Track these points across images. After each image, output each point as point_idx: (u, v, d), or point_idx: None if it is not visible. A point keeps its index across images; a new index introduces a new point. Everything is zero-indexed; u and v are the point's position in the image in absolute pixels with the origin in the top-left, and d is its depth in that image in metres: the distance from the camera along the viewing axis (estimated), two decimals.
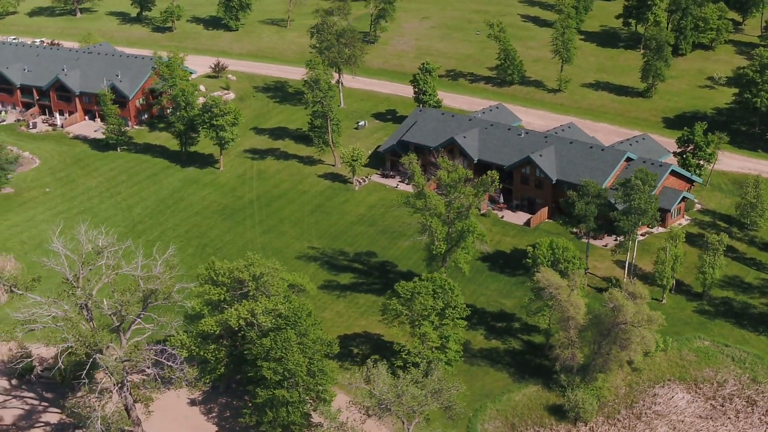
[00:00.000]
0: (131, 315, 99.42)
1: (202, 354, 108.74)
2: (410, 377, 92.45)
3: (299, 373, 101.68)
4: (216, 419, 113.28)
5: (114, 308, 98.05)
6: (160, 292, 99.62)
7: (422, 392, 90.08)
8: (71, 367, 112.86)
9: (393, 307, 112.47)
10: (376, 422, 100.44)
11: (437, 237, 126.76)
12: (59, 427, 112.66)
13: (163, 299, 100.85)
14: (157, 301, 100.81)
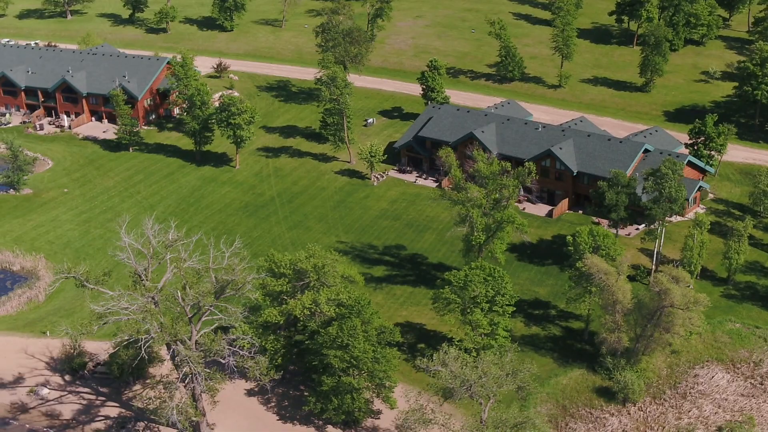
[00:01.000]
0: (206, 306, 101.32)
1: (263, 344, 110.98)
2: (490, 358, 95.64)
3: (365, 359, 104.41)
4: (275, 408, 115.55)
5: (195, 299, 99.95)
6: (234, 284, 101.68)
7: (502, 372, 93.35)
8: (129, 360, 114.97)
9: (445, 296, 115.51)
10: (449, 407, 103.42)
11: (477, 228, 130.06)
12: (120, 420, 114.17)
13: (235, 290, 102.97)
14: (230, 292, 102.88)
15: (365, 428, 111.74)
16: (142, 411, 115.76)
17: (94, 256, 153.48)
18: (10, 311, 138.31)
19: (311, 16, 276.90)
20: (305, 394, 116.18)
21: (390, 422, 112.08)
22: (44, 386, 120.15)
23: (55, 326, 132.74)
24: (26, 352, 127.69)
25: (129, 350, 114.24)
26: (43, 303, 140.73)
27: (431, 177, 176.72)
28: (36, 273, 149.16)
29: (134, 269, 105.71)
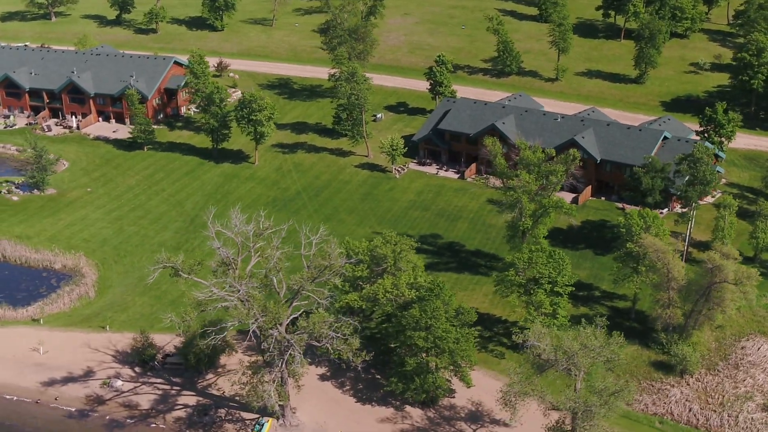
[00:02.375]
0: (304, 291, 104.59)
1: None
2: (590, 330, 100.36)
3: (448, 339, 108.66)
4: (351, 392, 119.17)
5: (298, 283, 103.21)
6: (330, 268, 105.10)
7: (598, 344, 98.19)
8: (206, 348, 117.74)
9: (510, 278, 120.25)
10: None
11: (525, 213, 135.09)
12: (200, 408, 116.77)
13: (330, 275, 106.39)
14: (325, 277, 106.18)
15: (441, 407, 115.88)
16: (220, 398, 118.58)
17: (134, 252, 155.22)
18: (63, 308, 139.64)
19: (299, 15, 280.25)
20: (377, 377, 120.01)
21: (465, 400, 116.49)
22: (117, 378, 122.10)
23: (111, 321, 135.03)
24: (90, 347, 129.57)
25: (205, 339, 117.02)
26: (95, 299, 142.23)
27: (451, 169, 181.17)
28: (79, 270, 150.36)
29: (222, 258, 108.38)
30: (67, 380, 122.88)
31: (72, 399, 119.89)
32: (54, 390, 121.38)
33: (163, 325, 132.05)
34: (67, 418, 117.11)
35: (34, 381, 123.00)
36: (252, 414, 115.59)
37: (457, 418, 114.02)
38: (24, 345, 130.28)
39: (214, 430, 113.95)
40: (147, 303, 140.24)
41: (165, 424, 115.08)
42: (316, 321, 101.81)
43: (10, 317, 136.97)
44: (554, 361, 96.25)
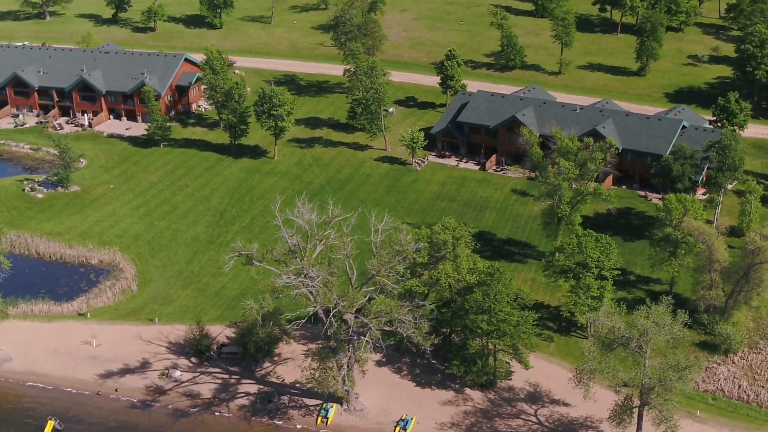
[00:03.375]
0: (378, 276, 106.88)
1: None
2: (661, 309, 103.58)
3: (510, 322, 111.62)
4: (408, 377, 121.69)
5: (376, 268, 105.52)
6: (402, 254, 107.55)
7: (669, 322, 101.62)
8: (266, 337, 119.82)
9: (560, 262, 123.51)
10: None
11: (564, 200, 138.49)
12: (263, 395, 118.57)
13: (403, 259, 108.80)
14: (396, 263, 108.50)
15: (500, 389, 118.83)
16: (280, 385, 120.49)
17: (168, 247, 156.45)
18: (107, 302, 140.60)
19: (297, 12, 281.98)
20: (432, 362, 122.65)
21: (522, 382, 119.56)
22: (175, 368, 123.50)
23: (159, 314, 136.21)
24: (141, 339, 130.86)
25: (265, 328, 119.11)
26: (137, 293, 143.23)
27: (471, 160, 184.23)
28: (116, 265, 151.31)
29: (290, 246, 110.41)
30: (124, 372, 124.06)
31: (132, 390, 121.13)
32: (112, 382, 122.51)
33: (211, 316, 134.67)
34: (130, 408, 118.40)
35: (91, 373, 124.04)
36: (315, 400, 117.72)
37: (517, 399, 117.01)
38: (75, 339, 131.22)
39: (279, 416, 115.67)
40: (191, 296, 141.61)
41: (229, 412, 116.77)
42: (393, 305, 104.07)
43: (56, 312, 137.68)
44: (627, 338, 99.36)
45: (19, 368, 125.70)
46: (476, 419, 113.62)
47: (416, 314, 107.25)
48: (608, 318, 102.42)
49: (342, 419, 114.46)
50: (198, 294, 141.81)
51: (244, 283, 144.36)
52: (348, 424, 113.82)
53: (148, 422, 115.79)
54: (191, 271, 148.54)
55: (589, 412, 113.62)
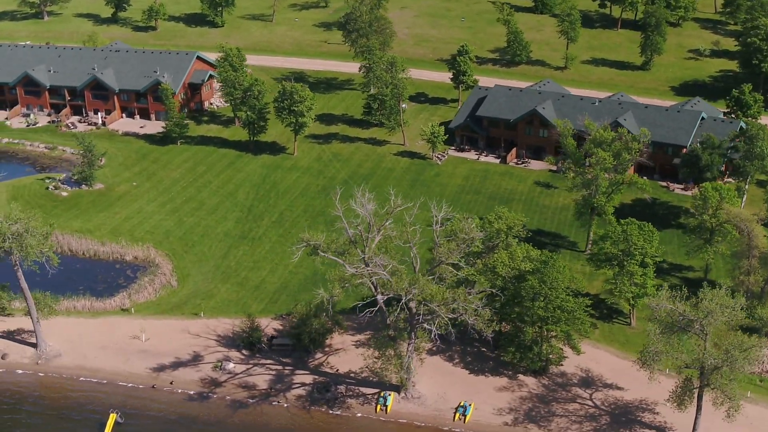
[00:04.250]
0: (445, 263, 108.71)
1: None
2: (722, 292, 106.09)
3: (566, 308, 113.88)
4: (461, 364, 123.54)
5: (445, 255, 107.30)
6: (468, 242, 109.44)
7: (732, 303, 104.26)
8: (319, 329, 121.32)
9: (606, 250, 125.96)
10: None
11: (600, 191, 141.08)
12: (320, 385, 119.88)
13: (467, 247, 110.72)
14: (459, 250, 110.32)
15: (553, 374, 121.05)
16: (335, 375, 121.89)
17: (201, 242, 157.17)
18: (149, 297, 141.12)
19: (297, 10, 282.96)
20: (482, 349, 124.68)
21: (573, 367, 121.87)
22: (228, 361, 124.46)
23: (203, 308, 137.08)
24: (189, 332, 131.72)
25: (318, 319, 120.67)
26: (178, 288, 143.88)
27: (491, 154, 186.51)
28: (152, 261, 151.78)
29: (350, 236, 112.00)
30: (176, 365, 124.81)
31: (187, 382, 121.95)
32: (166, 375, 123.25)
33: (254, 309, 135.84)
34: (187, 400, 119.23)
35: (143, 367, 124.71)
36: (371, 389, 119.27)
37: (571, 384, 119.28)
38: (121, 333, 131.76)
39: (338, 405, 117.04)
40: (231, 290, 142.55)
41: (287, 403, 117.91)
42: (460, 293, 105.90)
43: (99, 308, 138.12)
44: (690, 321, 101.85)
45: (70, 363, 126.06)
46: (533, 404, 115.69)
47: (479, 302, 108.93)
48: (670, 302, 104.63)
49: (401, 407, 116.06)
50: (238, 288, 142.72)
51: (283, 276, 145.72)
52: (407, 411, 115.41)
53: (208, 414, 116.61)
54: (228, 266, 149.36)
55: (644, 395, 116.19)
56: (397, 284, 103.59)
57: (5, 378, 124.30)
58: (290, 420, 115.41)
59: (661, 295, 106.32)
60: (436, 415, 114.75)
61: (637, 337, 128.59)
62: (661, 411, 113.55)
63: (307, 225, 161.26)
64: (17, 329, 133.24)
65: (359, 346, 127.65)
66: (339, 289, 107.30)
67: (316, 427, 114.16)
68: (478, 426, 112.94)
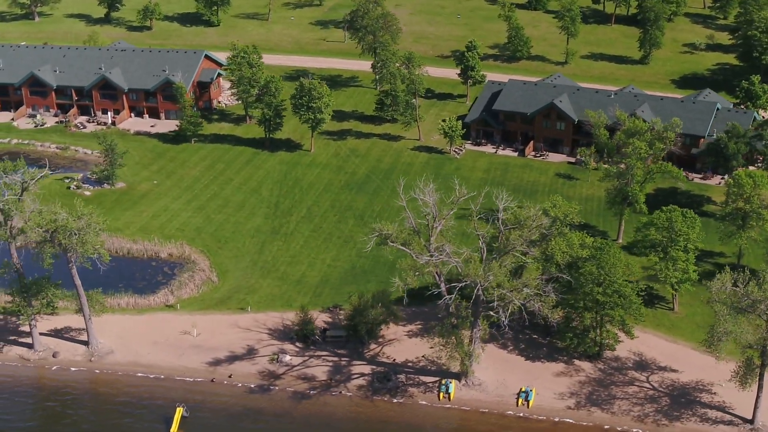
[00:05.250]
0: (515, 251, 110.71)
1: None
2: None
3: (623, 293, 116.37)
4: (515, 351, 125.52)
5: (519, 242, 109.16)
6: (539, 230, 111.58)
7: None
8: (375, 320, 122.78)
9: (652, 236, 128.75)
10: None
11: (636, 180, 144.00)
12: (380, 375, 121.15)
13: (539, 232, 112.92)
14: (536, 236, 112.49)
15: (607, 359, 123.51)
16: (392, 365, 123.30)
17: (233, 239, 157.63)
18: (192, 293, 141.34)
19: (291, 8, 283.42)
20: (533, 336, 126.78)
21: (626, 352, 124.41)
22: (284, 353, 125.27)
23: (248, 302, 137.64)
24: (239, 327, 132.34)
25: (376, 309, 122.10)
26: (219, 284, 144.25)
27: (509, 147, 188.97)
28: (188, 258, 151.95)
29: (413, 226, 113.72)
30: (231, 359, 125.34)
31: (245, 375, 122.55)
32: (223, 369, 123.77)
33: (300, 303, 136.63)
34: (249, 393, 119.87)
35: (199, 362, 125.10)
36: (430, 377, 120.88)
37: (626, 368, 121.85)
38: (170, 329, 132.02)
39: (400, 394, 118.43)
40: (273, 284, 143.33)
41: (350, 393, 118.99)
42: (530, 279, 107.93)
43: (143, 305, 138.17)
44: (755, 301, 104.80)
45: (123, 360, 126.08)
46: (593, 388, 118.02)
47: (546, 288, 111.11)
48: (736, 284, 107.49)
49: (463, 394, 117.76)
50: (280, 282, 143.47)
51: (322, 270, 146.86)
52: (470, 398, 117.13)
53: (271, 405, 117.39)
54: (265, 261, 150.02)
55: (699, 377, 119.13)
56: (474, 271, 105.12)
57: (60, 375, 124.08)
58: (355, 410, 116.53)
59: (723, 277, 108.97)
60: (498, 401, 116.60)
61: (681, 322, 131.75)
62: (719, 391, 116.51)
63: (336, 220, 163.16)
64: (64, 327, 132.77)
65: (411, 336, 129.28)
66: (413, 277, 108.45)
67: (381, 416, 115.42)
68: (541, 410, 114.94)
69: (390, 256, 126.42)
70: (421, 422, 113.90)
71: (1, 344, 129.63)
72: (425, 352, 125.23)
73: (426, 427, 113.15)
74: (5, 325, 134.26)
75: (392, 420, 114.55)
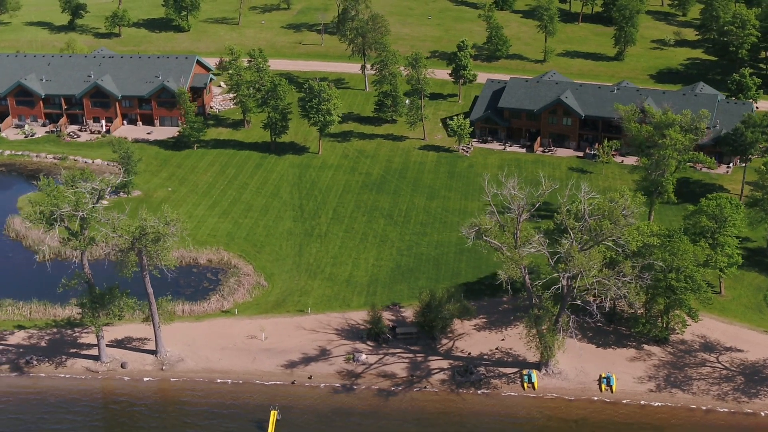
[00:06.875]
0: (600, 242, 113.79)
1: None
2: None
3: (695, 278, 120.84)
4: (585, 340, 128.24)
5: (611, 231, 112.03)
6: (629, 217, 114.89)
7: None
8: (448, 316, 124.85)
9: (703, 223, 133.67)
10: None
11: (669, 170, 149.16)
12: (461, 369, 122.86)
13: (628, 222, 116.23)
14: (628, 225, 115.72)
15: (673, 343, 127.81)
16: (468, 359, 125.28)
17: (268, 242, 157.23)
18: (245, 298, 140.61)
19: (258, 12, 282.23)
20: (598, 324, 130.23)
21: (690, 335, 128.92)
22: (360, 352, 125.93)
23: (301, 304, 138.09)
24: (304, 329, 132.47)
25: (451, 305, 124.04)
26: (269, 287, 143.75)
27: (515, 144, 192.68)
28: (229, 263, 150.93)
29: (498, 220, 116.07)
30: (307, 360, 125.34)
31: (325, 376, 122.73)
32: (300, 371, 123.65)
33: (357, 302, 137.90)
34: (334, 393, 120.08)
35: (274, 365, 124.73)
36: (509, 368, 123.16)
37: (694, 350, 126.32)
38: (235, 334, 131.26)
39: (484, 386, 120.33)
40: (324, 285, 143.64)
41: (434, 388, 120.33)
42: (626, 265, 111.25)
43: (199, 311, 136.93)
44: None
45: (196, 367, 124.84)
46: (669, 371, 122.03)
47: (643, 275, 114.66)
48: None
49: (546, 383, 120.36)
50: (330, 283, 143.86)
51: (369, 270, 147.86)
52: (553, 387, 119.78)
53: (360, 404, 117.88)
54: (308, 263, 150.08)
55: (765, 355, 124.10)
56: (579, 261, 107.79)
57: (133, 386, 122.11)
58: (444, 404, 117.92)
59: None
60: (582, 388, 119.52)
61: (730, 304, 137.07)
62: None
63: (365, 220, 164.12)
64: (125, 337, 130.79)
65: (480, 329, 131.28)
66: (515, 270, 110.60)
67: (472, 409, 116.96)
68: (625, 395, 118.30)
69: (432, 252, 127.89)
70: (513, 412, 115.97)
71: (64, 357, 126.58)
72: (497, 345, 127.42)
73: (519, 417, 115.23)
74: (61, 338, 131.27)
75: (483, 412, 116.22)
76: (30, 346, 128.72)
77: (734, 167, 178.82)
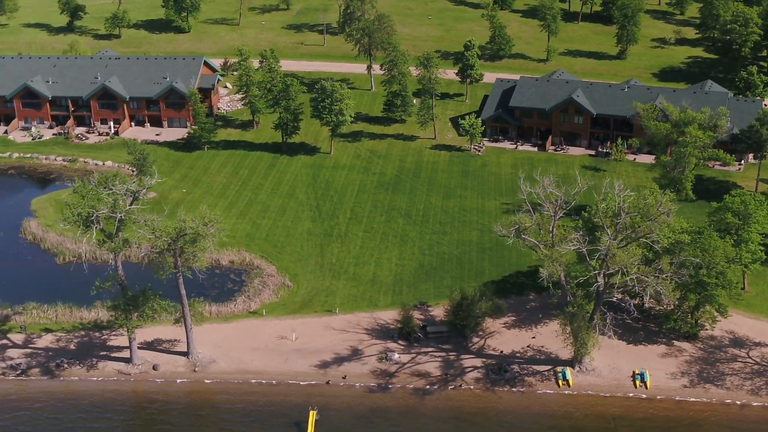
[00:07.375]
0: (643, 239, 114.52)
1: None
2: None
3: (726, 274, 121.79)
4: (615, 337, 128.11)
5: (649, 228, 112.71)
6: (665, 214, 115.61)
7: None
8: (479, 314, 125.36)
9: (728, 220, 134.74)
10: None
11: (689, 167, 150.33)
12: (495, 367, 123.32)
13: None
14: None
15: (703, 339, 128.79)
16: (500, 357, 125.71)
17: (289, 243, 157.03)
18: (271, 298, 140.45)
19: (257, 13, 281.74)
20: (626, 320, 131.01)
21: (718, 331, 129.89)
22: (392, 352, 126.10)
23: (329, 305, 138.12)
24: (334, 329, 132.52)
25: (483, 303, 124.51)
26: (295, 288, 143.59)
27: (527, 143, 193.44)
28: (251, 264, 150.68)
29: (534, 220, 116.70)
30: (339, 360, 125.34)
31: (359, 376, 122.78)
32: (334, 371, 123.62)
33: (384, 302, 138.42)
34: (369, 393, 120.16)
35: (307, 365, 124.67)
36: (542, 366, 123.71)
37: (724, 345, 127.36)
38: (265, 335, 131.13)
39: (519, 384, 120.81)
40: (349, 285, 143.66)
41: (469, 386, 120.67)
42: (665, 261, 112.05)
43: (227, 312, 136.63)
44: None
45: (228, 368, 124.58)
46: (701, 366, 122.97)
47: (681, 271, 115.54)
48: None
49: (580, 380, 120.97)
50: (355, 283, 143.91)
51: (393, 270, 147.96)
52: (588, 384, 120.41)
53: (396, 403, 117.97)
54: (331, 263, 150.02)
55: None
56: (621, 258, 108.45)
57: (167, 388, 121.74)
58: (481, 402, 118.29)
59: None
60: (616, 385, 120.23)
61: (755, 300, 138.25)
62: None
63: (384, 220, 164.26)
64: (155, 339, 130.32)
65: (510, 327, 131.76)
66: (557, 268, 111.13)
67: (508, 407, 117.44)
68: (660, 391, 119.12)
69: (454, 251, 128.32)
70: (550, 410, 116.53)
71: (95, 360, 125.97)
72: (529, 343, 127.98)
73: (557, 414, 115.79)
74: (90, 341, 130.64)
75: (520, 409, 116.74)
76: (59, 349, 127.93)
77: (746, 164, 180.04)
